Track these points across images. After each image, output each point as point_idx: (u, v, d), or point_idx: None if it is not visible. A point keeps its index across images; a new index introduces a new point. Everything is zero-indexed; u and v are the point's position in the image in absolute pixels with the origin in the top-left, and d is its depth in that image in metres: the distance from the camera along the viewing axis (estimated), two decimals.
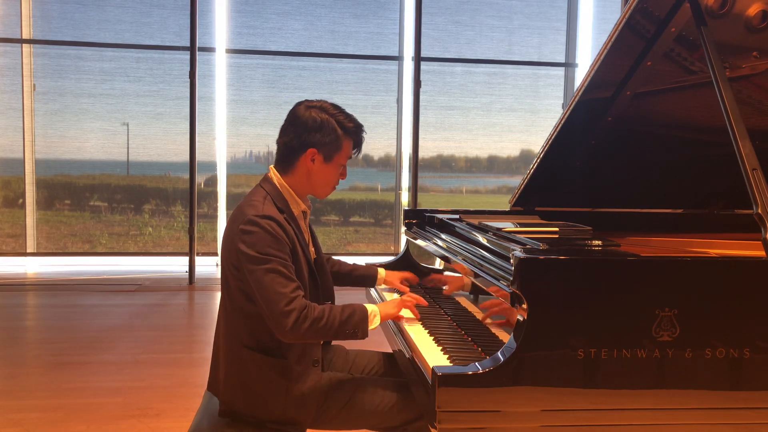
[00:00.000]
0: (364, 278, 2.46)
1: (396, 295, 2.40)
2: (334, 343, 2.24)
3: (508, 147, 7.65)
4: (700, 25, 1.97)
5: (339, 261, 2.42)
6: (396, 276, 2.45)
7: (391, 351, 2.19)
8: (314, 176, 1.95)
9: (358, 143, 2.01)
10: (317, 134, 1.91)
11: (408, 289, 2.40)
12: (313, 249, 2.10)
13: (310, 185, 1.98)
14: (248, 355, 1.87)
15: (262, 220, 1.80)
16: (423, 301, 2.11)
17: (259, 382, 1.86)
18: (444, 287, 2.33)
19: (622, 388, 1.58)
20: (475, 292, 2.05)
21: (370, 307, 1.90)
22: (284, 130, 1.96)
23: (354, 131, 1.97)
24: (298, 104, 1.97)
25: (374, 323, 1.90)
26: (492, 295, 1.84)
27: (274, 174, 1.97)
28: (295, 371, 1.87)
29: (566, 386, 1.56)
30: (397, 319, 2.03)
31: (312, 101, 1.97)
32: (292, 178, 1.96)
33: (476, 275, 1.92)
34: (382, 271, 2.46)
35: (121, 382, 3.66)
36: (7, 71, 6.80)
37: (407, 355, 1.86)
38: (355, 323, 1.84)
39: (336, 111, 1.95)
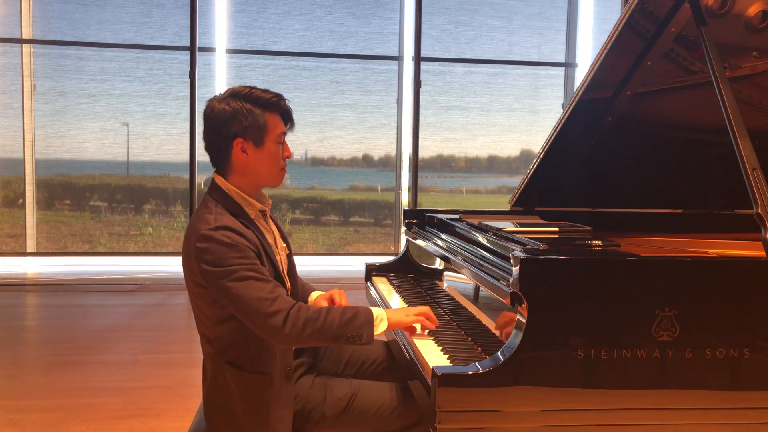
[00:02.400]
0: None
1: (403, 303, 2.36)
2: None
3: (508, 147, 7.66)
4: (700, 25, 1.97)
5: None
6: (323, 296, 2.13)
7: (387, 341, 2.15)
8: (253, 166, 1.81)
9: (285, 114, 1.86)
10: (234, 123, 1.77)
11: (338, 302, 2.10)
12: (285, 245, 1.99)
13: (254, 177, 1.84)
14: (229, 372, 1.79)
15: (215, 233, 1.69)
16: (434, 319, 1.90)
17: (239, 399, 1.79)
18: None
19: (622, 388, 1.58)
20: (475, 292, 2.05)
21: (376, 311, 1.79)
22: (204, 134, 1.84)
23: (274, 102, 1.82)
24: (209, 101, 1.83)
25: (380, 328, 1.78)
26: (492, 294, 1.84)
27: (219, 180, 1.86)
28: (271, 385, 1.78)
29: (566, 386, 1.56)
30: (409, 331, 1.90)
31: (221, 94, 1.84)
32: (234, 177, 1.83)
33: (476, 275, 1.92)
34: (313, 295, 2.15)
35: (121, 382, 3.66)
36: (7, 71, 6.80)
37: (407, 355, 1.85)
38: (358, 326, 1.72)
39: (248, 90, 1.81)
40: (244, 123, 1.78)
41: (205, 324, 1.82)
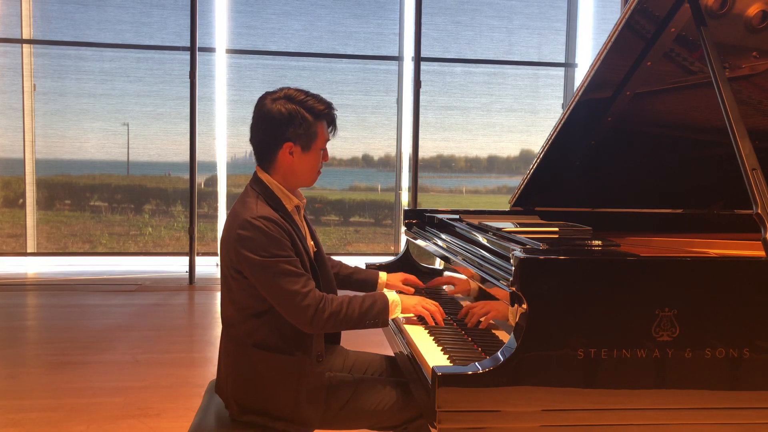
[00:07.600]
0: (365, 282, 2.40)
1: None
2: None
3: (508, 147, 7.66)
4: (700, 25, 1.97)
5: (340, 263, 2.39)
6: (397, 278, 2.39)
7: (392, 354, 2.18)
8: (296, 168, 1.94)
9: (331, 122, 1.97)
10: (289, 127, 1.89)
11: (412, 290, 2.34)
12: (312, 243, 2.08)
13: (295, 178, 1.96)
14: (256, 354, 1.86)
15: (257, 221, 1.80)
16: (442, 314, 2.00)
17: (270, 380, 1.86)
18: (447, 287, 2.33)
19: (622, 388, 1.58)
20: (476, 293, 2.05)
21: (392, 297, 1.93)
22: (254, 129, 1.95)
23: (326, 113, 1.94)
24: (262, 98, 1.93)
25: (395, 313, 1.93)
26: (492, 295, 1.84)
27: (261, 174, 1.97)
28: (303, 367, 1.86)
29: (566, 386, 1.56)
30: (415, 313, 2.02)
31: (275, 92, 1.93)
32: (276, 174, 1.95)
33: (476, 276, 1.92)
34: (383, 275, 2.38)
35: (121, 382, 3.66)
36: (7, 71, 6.80)
37: (407, 356, 1.86)
38: (375, 314, 1.88)
39: (303, 96, 1.92)
40: (298, 130, 1.89)
41: (234, 308, 1.89)
